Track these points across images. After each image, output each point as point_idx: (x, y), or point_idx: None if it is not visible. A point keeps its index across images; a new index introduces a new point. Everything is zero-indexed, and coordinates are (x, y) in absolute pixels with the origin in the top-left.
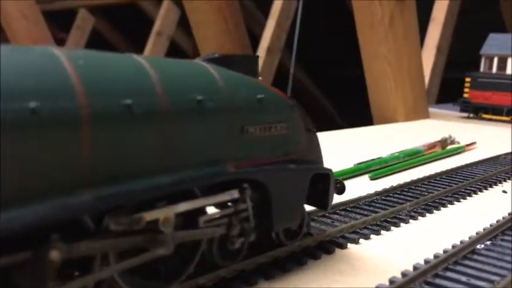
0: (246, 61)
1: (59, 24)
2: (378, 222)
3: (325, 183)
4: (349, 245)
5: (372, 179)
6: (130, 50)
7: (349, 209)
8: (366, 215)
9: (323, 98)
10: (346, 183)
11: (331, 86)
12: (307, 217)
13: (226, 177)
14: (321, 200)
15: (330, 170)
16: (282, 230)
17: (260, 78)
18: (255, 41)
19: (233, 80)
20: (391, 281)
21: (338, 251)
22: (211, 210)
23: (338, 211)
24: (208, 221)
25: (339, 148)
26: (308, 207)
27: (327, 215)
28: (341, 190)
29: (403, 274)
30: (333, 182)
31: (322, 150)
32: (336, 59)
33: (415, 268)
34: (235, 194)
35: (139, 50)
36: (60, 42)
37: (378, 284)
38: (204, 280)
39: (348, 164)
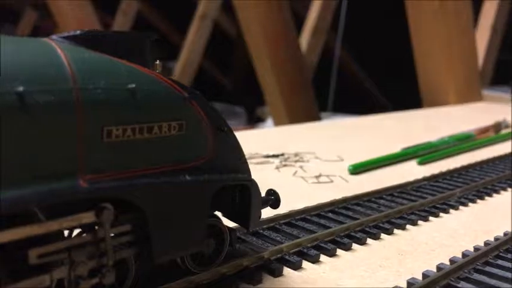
0: (128, 40)
1: (105, 8)
2: (426, 208)
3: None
4: (395, 230)
5: (420, 164)
6: (174, 34)
7: (396, 194)
8: (413, 201)
9: (370, 80)
10: (393, 168)
11: (379, 67)
12: (229, 235)
13: (74, 196)
14: (243, 217)
15: (251, 181)
16: (189, 255)
17: (157, 62)
18: (300, 23)
19: (93, 65)
20: (439, 268)
21: (384, 236)
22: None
23: (384, 196)
24: (45, 255)
25: (387, 132)
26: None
27: (373, 199)
28: (275, 203)
29: (452, 261)
30: (257, 195)
31: (244, 152)
32: (384, 39)
33: (464, 255)
34: (88, 217)
35: (183, 33)
36: (106, 26)
37: (425, 269)
38: None
39: (395, 148)
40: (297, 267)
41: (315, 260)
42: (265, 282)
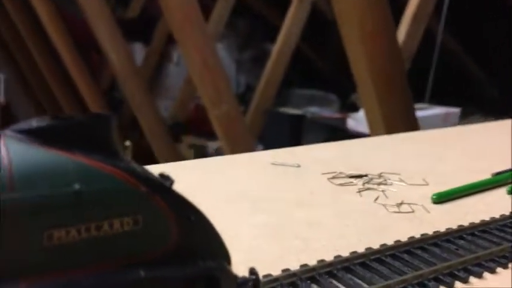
0: (87, 128)
1: None
2: (507, 254)
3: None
4: (471, 278)
5: (510, 193)
6: (273, 15)
7: (477, 234)
8: (495, 243)
9: (476, 68)
10: (480, 197)
11: (487, 55)
12: None
13: None
14: None
15: (221, 270)
16: None
17: (127, 143)
18: (400, 7)
19: (35, 165)
20: None
21: (458, 284)
22: None
23: (465, 236)
24: None
25: (479, 147)
26: None
27: (451, 239)
28: (256, 284)
29: None
30: (228, 283)
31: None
32: (493, 25)
33: None
34: None
35: (282, 15)
36: (206, 9)
37: None
38: None
39: (486, 168)
40: None
41: None
42: None
